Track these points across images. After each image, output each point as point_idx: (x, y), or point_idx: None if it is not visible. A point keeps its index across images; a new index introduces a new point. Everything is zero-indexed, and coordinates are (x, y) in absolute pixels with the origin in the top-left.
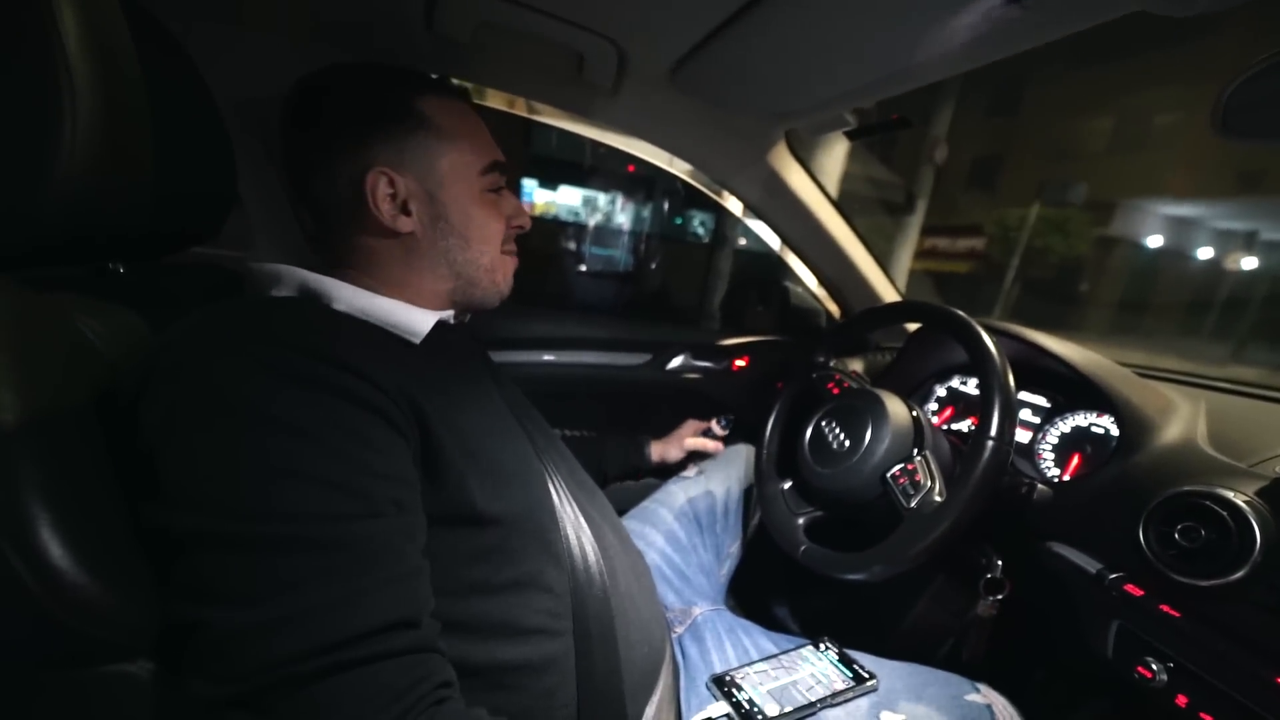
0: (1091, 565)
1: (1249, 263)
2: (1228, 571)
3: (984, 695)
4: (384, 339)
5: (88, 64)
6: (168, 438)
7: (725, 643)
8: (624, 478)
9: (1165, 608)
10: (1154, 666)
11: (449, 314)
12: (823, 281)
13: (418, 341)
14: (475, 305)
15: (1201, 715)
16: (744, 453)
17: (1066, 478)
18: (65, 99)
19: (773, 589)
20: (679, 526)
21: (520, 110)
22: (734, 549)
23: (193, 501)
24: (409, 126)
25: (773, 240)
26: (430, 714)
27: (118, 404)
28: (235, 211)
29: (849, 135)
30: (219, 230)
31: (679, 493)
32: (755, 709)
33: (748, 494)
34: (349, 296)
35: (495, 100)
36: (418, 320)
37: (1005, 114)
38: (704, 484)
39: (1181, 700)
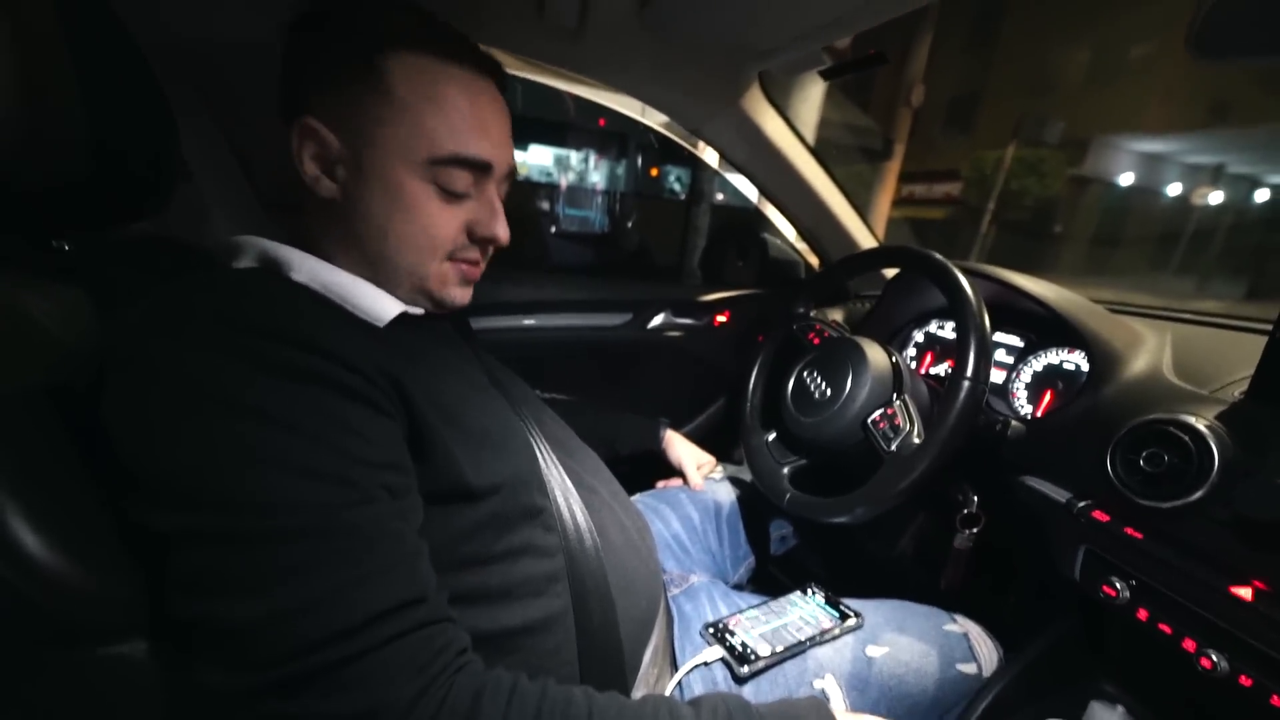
0: (1061, 495)
1: (1215, 197)
2: (1188, 493)
3: (961, 624)
4: (350, 315)
5: None
6: (144, 434)
7: (719, 604)
8: (634, 458)
9: (1129, 530)
10: (1118, 585)
11: (417, 310)
12: (801, 232)
13: (381, 326)
14: (414, 304)
15: (1160, 626)
16: None
17: (1039, 414)
18: None
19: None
20: (695, 511)
21: None
22: (749, 563)
23: (180, 498)
24: (358, 82)
25: (751, 193)
26: (452, 681)
27: (75, 388)
28: (188, 188)
29: (823, 75)
30: (165, 202)
31: (705, 485)
32: (749, 650)
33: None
34: (309, 267)
35: None
36: (380, 307)
37: (982, 48)
38: (730, 488)
39: (1142, 614)
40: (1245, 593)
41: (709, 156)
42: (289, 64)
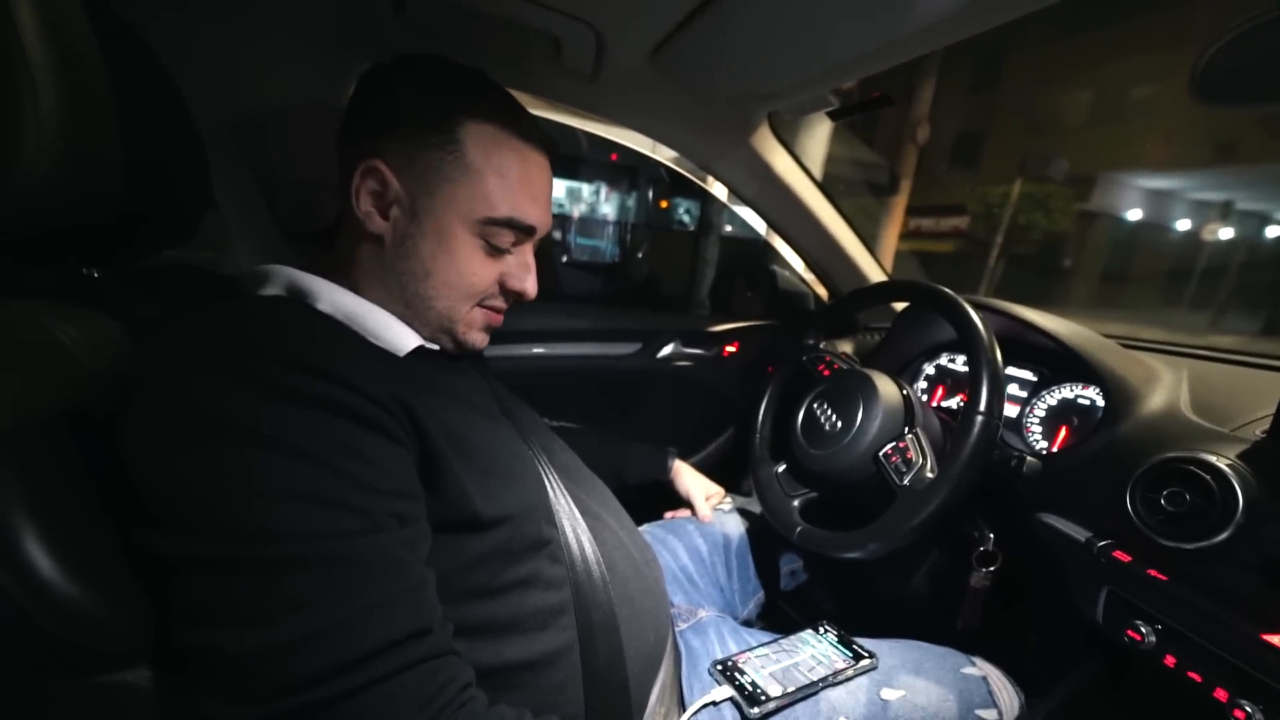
0: (1081, 534)
1: (1225, 232)
2: (1212, 534)
3: (979, 667)
4: (369, 344)
5: (47, 59)
6: (155, 459)
7: (729, 640)
8: (642, 488)
9: (1153, 572)
10: (1143, 629)
11: (434, 346)
12: (810, 265)
13: (400, 356)
14: (435, 342)
15: (1189, 674)
16: None
17: (1055, 449)
18: (25, 95)
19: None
20: (703, 543)
21: None
22: (759, 598)
23: (189, 525)
24: (434, 142)
25: (759, 225)
26: (455, 717)
27: (96, 415)
28: (211, 214)
29: (831, 115)
30: (193, 232)
31: (714, 516)
32: (758, 690)
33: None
34: (331, 296)
35: None
36: (400, 339)
37: (986, 88)
38: (739, 520)
39: (1170, 660)
40: (1279, 640)
41: (718, 190)
42: (360, 106)
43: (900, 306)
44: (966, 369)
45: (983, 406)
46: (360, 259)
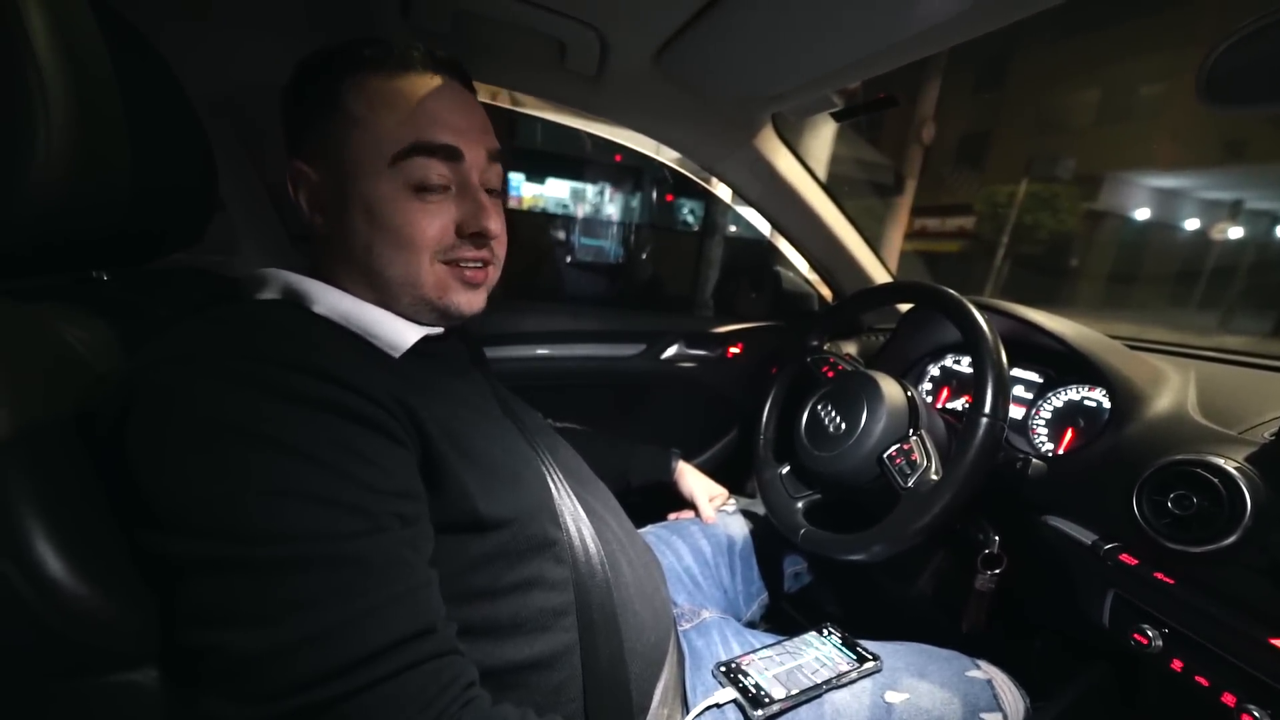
0: (1087, 536)
1: (1235, 232)
2: (1220, 537)
3: (984, 670)
4: (368, 345)
5: (58, 68)
6: (159, 463)
7: (732, 642)
8: (646, 489)
9: (1160, 575)
10: (1149, 633)
11: (436, 330)
12: (814, 265)
13: (397, 356)
14: (421, 321)
15: (1196, 679)
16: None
17: (1060, 451)
18: (37, 104)
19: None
20: (707, 544)
21: (504, 103)
22: (763, 599)
23: (193, 527)
24: (323, 116)
25: (763, 226)
26: (459, 716)
27: (102, 420)
28: (220, 216)
29: (835, 116)
30: (201, 235)
31: (717, 518)
32: (762, 693)
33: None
34: (327, 299)
35: (478, 93)
36: (399, 334)
37: (992, 88)
38: (743, 522)
39: (1177, 665)
40: None
41: (722, 191)
42: (282, 119)
43: (905, 308)
44: (971, 370)
45: (988, 409)
46: (329, 261)
